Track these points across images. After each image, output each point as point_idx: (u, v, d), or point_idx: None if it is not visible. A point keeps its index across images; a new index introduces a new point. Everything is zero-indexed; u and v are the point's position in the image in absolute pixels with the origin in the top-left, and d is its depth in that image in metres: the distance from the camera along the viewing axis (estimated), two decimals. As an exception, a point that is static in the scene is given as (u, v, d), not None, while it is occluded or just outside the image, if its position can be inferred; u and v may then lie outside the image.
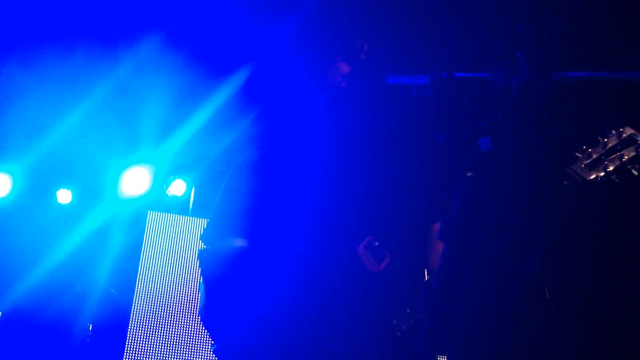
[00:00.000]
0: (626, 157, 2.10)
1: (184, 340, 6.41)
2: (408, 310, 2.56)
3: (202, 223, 6.74)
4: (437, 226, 2.68)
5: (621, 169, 2.12)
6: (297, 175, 2.85)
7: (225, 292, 2.62)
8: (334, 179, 2.82)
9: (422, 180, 2.81)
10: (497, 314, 2.37)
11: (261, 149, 2.98)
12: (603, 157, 2.15)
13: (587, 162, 2.18)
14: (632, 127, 2.11)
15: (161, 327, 6.37)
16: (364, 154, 2.93)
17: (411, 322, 2.54)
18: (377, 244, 2.62)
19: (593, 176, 2.16)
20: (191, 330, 6.43)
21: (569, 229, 2.29)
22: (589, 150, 2.18)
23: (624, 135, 2.11)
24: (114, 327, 6.28)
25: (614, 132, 2.14)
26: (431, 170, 2.84)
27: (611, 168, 2.12)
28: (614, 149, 2.13)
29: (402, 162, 2.87)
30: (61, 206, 6.74)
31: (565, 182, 2.21)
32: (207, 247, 2.84)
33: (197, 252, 2.87)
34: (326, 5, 4.34)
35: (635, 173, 2.07)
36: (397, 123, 3.01)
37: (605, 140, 2.15)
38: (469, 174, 2.29)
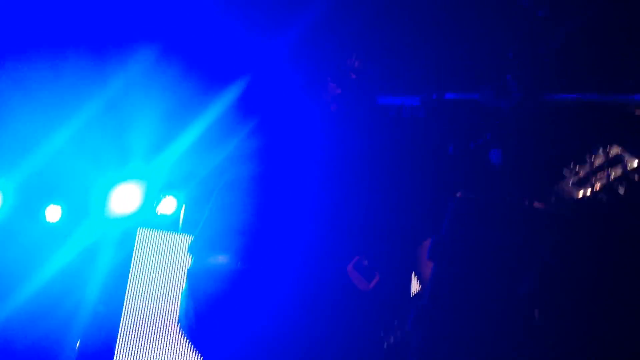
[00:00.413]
0: (613, 176, 2.11)
1: (172, 358, 6.37)
2: (395, 323, 2.57)
3: (191, 239, 6.71)
4: (427, 244, 2.70)
5: (608, 187, 2.13)
6: (286, 193, 2.86)
7: (215, 310, 2.62)
8: (323, 198, 2.83)
9: (412, 200, 2.83)
10: (487, 334, 2.38)
11: (251, 165, 2.99)
12: (590, 176, 2.17)
13: (575, 180, 2.19)
14: (619, 146, 2.13)
15: (149, 344, 6.33)
16: (353, 173, 2.94)
17: (399, 335, 2.55)
18: (366, 263, 2.63)
19: (580, 194, 2.18)
20: (179, 348, 6.39)
21: (560, 249, 2.31)
22: (577, 168, 2.19)
23: (611, 154, 2.13)
24: (101, 344, 6.24)
25: (601, 150, 2.15)
26: (421, 189, 2.86)
27: (598, 186, 2.14)
28: (601, 168, 2.15)
29: (392, 181, 2.89)
30: (50, 223, 6.70)
31: (552, 199, 2.22)
32: (194, 261, 2.85)
33: (186, 269, 2.87)
34: (318, 25, 4.37)
35: (621, 192, 2.08)
36: (388, 143, 3.02)
37: (593, 158, 2.17)
38: (459, 194, 2.30)
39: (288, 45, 4.78)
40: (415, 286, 2.77)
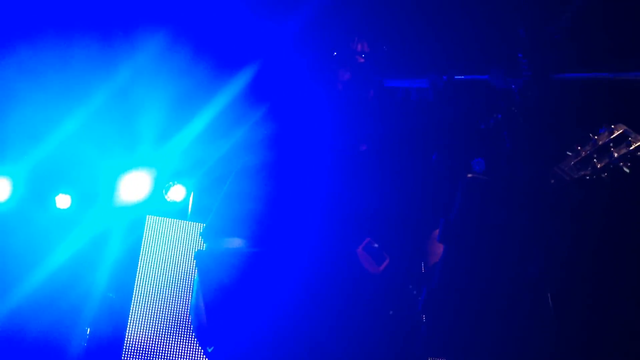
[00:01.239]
0: (616, 155, 2.08)
1: (181, 345, 6.39)
2: (406, 305, 2.56)
3: (201, 227, 6.72)
4: (437, 232, 2.69)
5: (611, 166, 2.10)
6: (298, 178, 2.86)
7: (224, 294, 2.62)
8: (334, 182, 2.83)
9: (422, 183, 2.82)
10: (497, 316, 2.36)
11: (262, 152, 2.99)
12: (593, 155, 2.14)
13: (576, 160, 2.17)
14: (625, 124, 2.10)
15: (159, 331, 6.35)
16: (364, 156, 2.93)
17: (410, 317, 2.54)
18: (376, 245, 2.62)
19: (580, 174, 2.15)
20: (189, 335, 6.40)
21: (569, 230, 2.29)
22: (579, 148, 2.17)
23: (615, 132, 2.10)
24: (111, 331, 6.26)
25: (605, 129, 2.12)
26: (431, 172, 2.85)
27: (599, 166, 2.11)
28: (604, 147, 2.12)
29: (402, 164, 2.87)
30: (60, 211, 6.72)
31: (552, 181, 2.20)
32: (205, 247, 2.85)
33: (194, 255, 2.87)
34: (325, 9, 4.35)
35: (627, 170, 2.05)
36: (397, 126, 3.01)
37: (597, 137, 2.14)
38: (470, 175, 2.29)
39: (296, 31, 4.77)
40: (425, 269, 2.76)
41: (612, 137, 2.10)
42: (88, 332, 6.19)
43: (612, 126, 2.10)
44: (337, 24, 3.13)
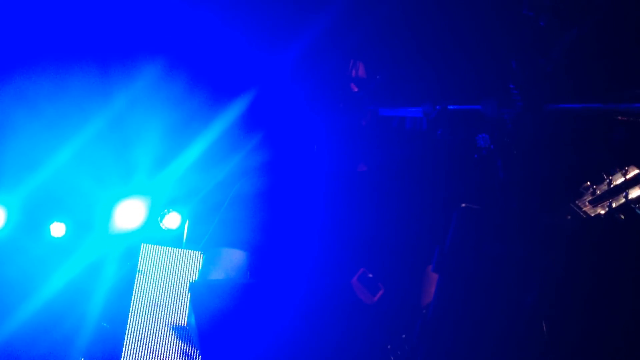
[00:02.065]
0: (631, 196, 2.12)
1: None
2: (403, 336, 2.55)
3: (196, 256, 6.70)
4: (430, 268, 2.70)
5: (626, 207, 2.14)
6: (291, 206, 2.86)
7: (217, 326, 2.60)
8: (327, 211, 2.83)
9: (416, 212, 2.82)
10: (493, 347, 2.35)
11: (256, 180, 3.00)
12: (608, 195, 2.17)
13: (592, 198, 2.20)
14: (636, 166, 2.14)
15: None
16: (357, 185, 2.94)
17: (406, 347, 2.53)
18: (370, 275, 2.61)
19: (597, 213, 2.18)
20: (184, 365, 6.36)
21: (568, 263, 2.29)
22: (594, 186, 2.20)
23: (629, 174, 2.13)
24: (106, 360, 6.22)
25: (618, 170, 2.16)
26: (425, 201, 2.85)
27: (615, 205, 2.15)
28: (619, 187, 2.15)
29: (396, 193, 2.88)
30: (55, 239, 6.70)
31: (568, 217, 2.23)
32: (199, 276, 2.85)
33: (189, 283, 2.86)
34: (320, 39, 4.38)
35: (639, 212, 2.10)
36: (391, 155, 3.02)
37: (611, 178, 2.17)
38: (463, 205, 2.29)
39: (290, 61, 4.80)
40: (420, 299, 2.75)
41: (626, 178, 2.13)
42: (82, 362, 6.15)
43: (626, 167, 2.14)
44: (331, 53, 3.15)
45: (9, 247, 6.60)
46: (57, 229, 6.69)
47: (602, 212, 2.18)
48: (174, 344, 6.39)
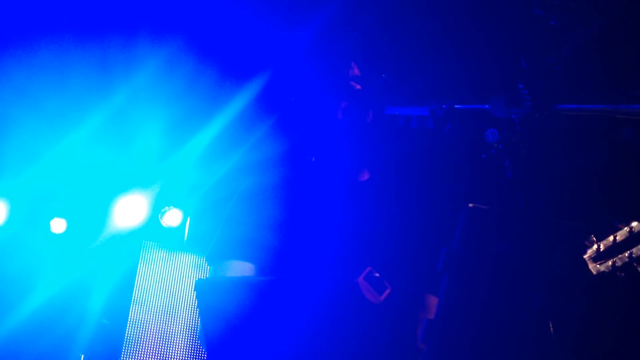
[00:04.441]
0: (635, 254, 2.11)
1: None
2: (407, 336, 2.55)
3: (197, 253, 6.69)
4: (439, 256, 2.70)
5: (629, 265, 2.13)
6: (298, 204, 2.85)
7: (223, 324, 2.59)
8: (334, 210, 2.82)
9: (423, 211, 2.81)
10: (499, 347, 2.35)
11: (264, 176, 2.99)
12: (611, 251, 2.17)
13: (595, 255, 2.20)
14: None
15: (154, 358, 6.30)
16: (364, 184, 2.93)
17: (411, 348, 2.53)
18: (377, 275, 2.60)
19: (599, 269, 2.18)
20: (184, 361, 6.35)
21: (575, 263, 2.29)
22: (598, 242, 2.19)
23: (634, 231, 2.12)
24: (105, 358, 6.20)
25: (624, 225, 2.15)
26: (432, 201, 2.84)
27: (619, 264, 2.14)
28: (622, 244, 2.14)
29: (403, 193, 2.87)
30: (55, 235, 6.68)
31: (578, 244, 2.24)
32: (210, 271, 2.84)
33: (191, 282, 2.85)
34: (322, 37, 4.36)
35: None
36: (398, 154, 3.01)
37: (615, 234, 2.16)
38: (471, 205, 2.28)
39: (295, 57, 4.78)
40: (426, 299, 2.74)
41: (631, 234, 2.12)
42: (82, 359, 6.13)
43: (632, 224, 2.13)
44: (335, 53, 3.14)
45: (9, 243, 6.58)
46: (58, 225, 6.67)
47: (605, 269, 2.18)
48: (174, 341, 6.38)
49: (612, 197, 2.18)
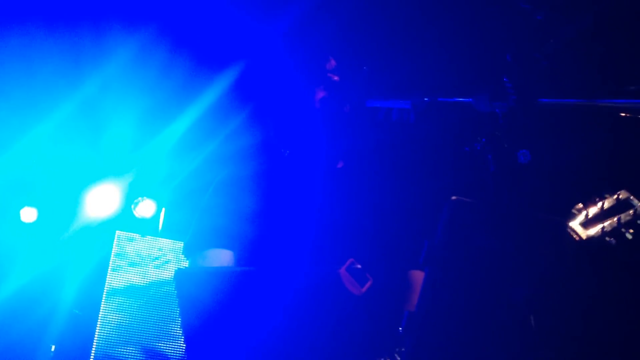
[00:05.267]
0: (623, 220, 2.16)
1: (149, 363, 6.29)
2: (387, 329, 2.55)
3: (169, 243, 6.63)
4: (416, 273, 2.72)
5: (617, 231, 2.17)
6: (277, 193, 2.83)
7: (202, 314, 2.57)
8: (314, 200, 2.81)
9: (406, 204, 2.81)
10: (481, 341, 2.36)
11: (240, 165, 2.97)
12: (599, 218, 2.21)
13: (584, 220, 2.23)
14: (627, 190, 2.19)
15: (125, 349, 6.24)
16: (344, 175, 2.92)
17: (392, 341, 2.53)
18: (359, 266, 2.59)
19: (589, 234, 2.22)
20: (156, 352, 6.31)
21: (558, 258, 2.31)
22: (586, 209, 2.22)
23: (620, 198, 2.17)
24: (77, 348, 6.14)
25: (610, 194, 2.20)
26: (415, 194, 2.84)
27: (608, 229, 2.18)
28: (610, 211, 2.19)
29: (384, 185, 2.87)
30: (26, 224, 6.58)
31: (561, 239, 2.27)
32: (189, 263, 2.81)
33: (165, 272, 2.82)
34: (301, 28, 4.34)
35: (629, 237, 2.14)
36: (376, 145, 3.00)
37: (603, 202, 2.20)
38: (454, 198, 2.28)
39: (271, 47, 4.75)
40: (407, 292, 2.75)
41: (617, 201, 2.17)
42: (53, 350, 6.06)
43: (618, 192, 2.18)
44: (313, 43, 3.12)
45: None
46: (28, 214, 6.57)
47: (594, 234, 2.22)
48: (147, 332, 6.33)
49: (596, 191, 2.21)
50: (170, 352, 6.32)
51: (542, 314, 2.31)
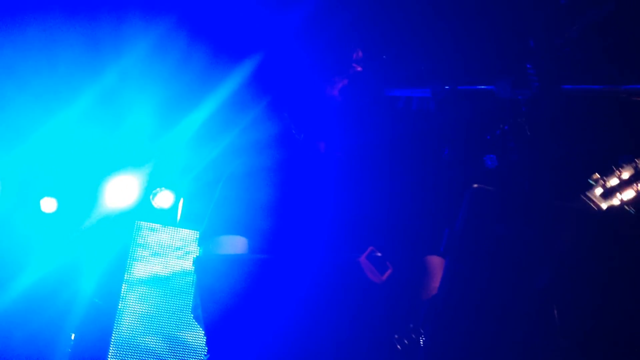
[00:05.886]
0: None
1: (168, 353, 6.32)
2: (411, 325, 2.53)
3: (190, 233, 6.66)
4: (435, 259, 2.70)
5: (637, 199, 2.14)
6: (296, 184, 2.82)
7: (221, 301, 2.57)
8: (336, 189, 2.80)
9: (426, 193, 2.79)
10: (502, 330, 2.34)
11: (255, 157, 2.96)
12: (618, 188, 2.19)
13: (603, 191, 2.21)
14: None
15: (145, 338, 6.28)
16: (365, 165, 2.91)
17: (413, 336, 2.51)
18: (379, 254, 2.58)
19: (608, 205, 2.20)
20: (176, 342, 6.34)
21: (579, 247, 2.29)
22: (604, 179, 2.20)
23: (638, 167, 2.15)
24: (96, 337, 6.19)
25: (628, 163, 2.18)
26: (435, 183, 2.83)
27: (626, 199, 2.14)
28: (629, 181, 2.17)
29: (406, 174, 2.85)
30: (46, 215, 6.63)
31: (580, 209, 2.25)
32: (201, 252, 2.81)
33: (184, 262, 2.83)
34: (322, 17, 4.32)
35: None
36: (397, 134, 2.99)
37: (620, 171, 2.18)
38: (475, 186, 2.26)
39: (289, 37, 4.73)
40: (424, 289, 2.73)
41: (636, 170, 2.15)
42: (73, 338, 6.11)
43: (636, 160, 2.15)
44: (332, 33, 3.10)
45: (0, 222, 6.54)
46: (48, 204, 6.62)
47: (614, 204, 2.20)
48: (166, 321, 6.36)
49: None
50: (190, 341, 6.35)
51: (563, 302, 2.29)
